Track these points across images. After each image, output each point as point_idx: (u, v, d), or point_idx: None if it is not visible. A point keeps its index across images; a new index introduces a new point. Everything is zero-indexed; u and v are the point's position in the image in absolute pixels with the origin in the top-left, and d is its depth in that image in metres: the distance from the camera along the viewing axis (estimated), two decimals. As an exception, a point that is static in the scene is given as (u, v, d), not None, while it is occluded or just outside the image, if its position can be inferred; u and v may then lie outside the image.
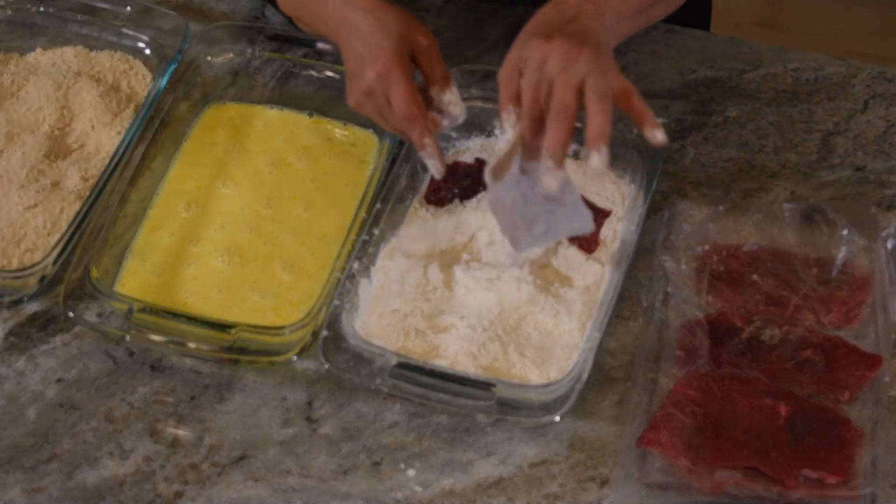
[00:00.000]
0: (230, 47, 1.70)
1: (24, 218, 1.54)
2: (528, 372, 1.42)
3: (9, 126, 1.63)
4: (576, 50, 1.35)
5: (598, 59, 1.36)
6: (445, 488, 1.37)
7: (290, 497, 1.37)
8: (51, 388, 1.45)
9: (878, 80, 1.71)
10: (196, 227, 1.55)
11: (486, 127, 1.62)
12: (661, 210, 1.55)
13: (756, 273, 1.49)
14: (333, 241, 1.53)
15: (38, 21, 1.76)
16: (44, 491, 1.37)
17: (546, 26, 1.40)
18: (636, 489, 1.34)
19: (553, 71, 1.35)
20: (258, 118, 1.66)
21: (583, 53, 1.35)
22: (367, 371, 1.41)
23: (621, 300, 1.47)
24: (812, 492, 1.32)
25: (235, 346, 1.43)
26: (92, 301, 1.49)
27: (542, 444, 1.39)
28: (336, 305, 1.45)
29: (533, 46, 1.38)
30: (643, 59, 1.74)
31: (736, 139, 1.65)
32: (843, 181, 1.60)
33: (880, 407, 1.38)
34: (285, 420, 1.42)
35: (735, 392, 1.38)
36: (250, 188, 1.59)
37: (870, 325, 1.45)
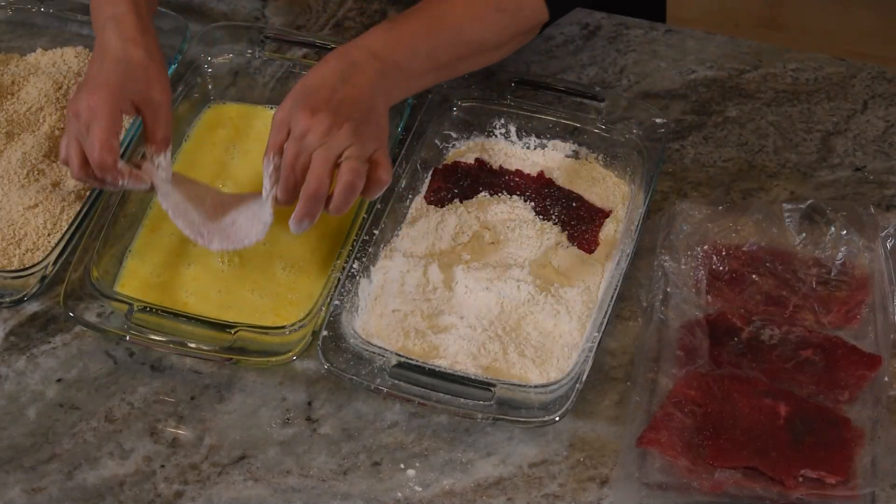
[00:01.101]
0: (230, 47, 1.70)
1: (24, 218, 1.54)
2: (527, 372, 1.42)
3: (9, 126, 1.63)
4: (336, 127, 1.39)
5: (360, 131, 1.40)
6: (445, 488, 1.37)
7: (290, 497, 1.37)
8: (51, 388, 1.45)
9: (878, 80, 1.71)
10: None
11: (486, 127, 1.62)
12: (661, 210, 1.55)
13: (756, 273, 1.49)
14: (333, 241, 1.53)
15: (39, 21, 1.76)
16: (44, 491, 1.38)
17: (315, 95, 1.42)
18: (636, 489, 1.34)
19: (312, 145, 1.39)
20: (258, 118, 1.66)
21: (343, 129, 1.39)
22: (367, 371, 1.41)
23: (621, 300, 1.47)
24: (812, 491, 1.32)
25: (235, 346, 1.43)
26: (92, 301, 1.49)
27: (542, 444, 1.40)
28: (336, 305, 1.45)
29: (298, 118, 1.41)
30: (643, 59, 1.74)
31: (736, 139, 1.65)
32: (842, 181, 1.61)
33: (880, 407, 1.38)
34: (285, 420, 1.42)
35: (735, 392, 1.38)
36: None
37: (869, 325, 1.45)
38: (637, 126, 1.60)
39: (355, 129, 1.39)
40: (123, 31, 1.48)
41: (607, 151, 1.60)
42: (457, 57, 1.51)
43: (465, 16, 1.50)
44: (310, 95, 1.42)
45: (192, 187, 1.50)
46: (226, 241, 1.46)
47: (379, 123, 1.43)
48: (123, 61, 1.46)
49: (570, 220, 1.55)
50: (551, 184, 1.58)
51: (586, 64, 1.73)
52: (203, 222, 1.47)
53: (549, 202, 1.56)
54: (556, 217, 1.55)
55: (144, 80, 1.47)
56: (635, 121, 1.61)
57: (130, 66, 1.46)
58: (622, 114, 1.62)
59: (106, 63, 1.46)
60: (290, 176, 1.41)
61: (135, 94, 1.46)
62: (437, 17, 1.50)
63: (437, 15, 1.50)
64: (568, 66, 1.73)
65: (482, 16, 1.51)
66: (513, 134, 1.62)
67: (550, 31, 1.76)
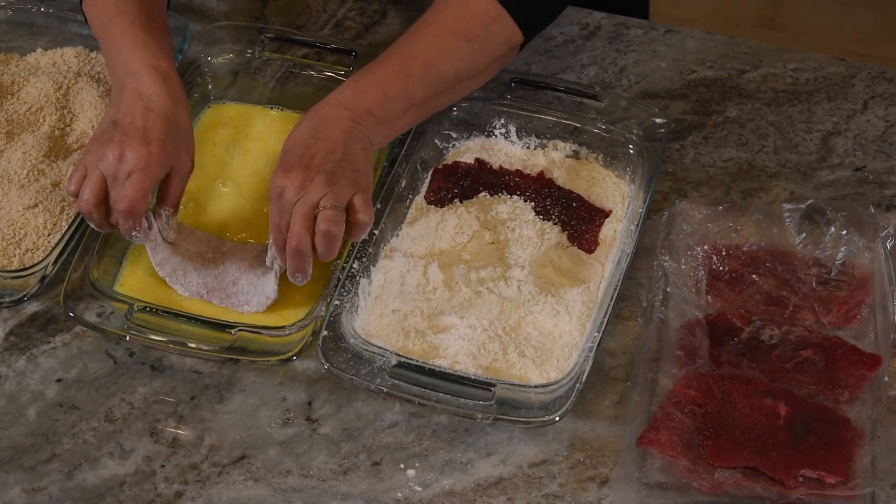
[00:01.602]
0: (230, 47, 1.70)
1: (24, 218, 1.54)
2: (527, 372, 1.42)
3: (9, 126, 1.63)
4: (308, 180, 1.41)
5: (333, 180, 1.41)
6: (445, 488, 1.37)
7: (290, 497, 1.37)
8: (51, 388, 1.45)
9: (878, 80, 1.71)
10: (195, 225, 1.55)
11: (486, 127, 1.62)
12: (661, 210, 1.55)
13: (756, 273, 1.49)
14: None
15: (39, 21, 1.76)
16: (44, 491, 1.37)
17: (289, 156, 1.44)
18: (636, 489, 1.34)
19: (290, 202, 1.41)
20: (258, 118, 1.66)
21: (315, 181, 1.41)
22: (367, 371, 1.41)
23: (621, 300, 1.47)
24: (812, 491, 1.32)
25: (235, 346, 1.43)
26: (92, 301, 1.49)
27: (542, 444, 1.39)
28: (336, 305, 1.45)
29: (274, 180, 1.43)
30: (643, 59, 1.74)
31: (736, 139, 1.65)
32: (842, 181, 1.61)
33: (880, 407, 1.38)
34: (285, 420, 1.42)
35: (735, 392, 1.38)
36: (250, 187, 1.59)
37: (869, 325, 1.45)
38: (637, 126, 1.60)
39: (328, 179, 1.41)
40: (171, 89, 1.48)
41: (607, 151, 1.60)
42: (434, 92, 1.51)
43: (434, 51, 1.50)
44: (285, 156, 1.45)
45: (194, 241, 1.52)
46: (226, 301, 1.49)
47: (355, 169, 1.43)
48: (174, 123, 1.46)
49: (570, 220, 1.55)
50: (551, 184, 1.58)
51: (586, 64, 1.73)
52: (203, 284, 1.49)
53: (549, 202, 1.56)
54: (556, 217, 1.55)
55: (184, 143, 1.47)
56: (635, 121, 1.61)
57: (179, 129, 1.47)
58: (622, 114, 1.62)
59: (156, 117, 1.45)
60: (277, 237, 1.43)
61: (173, 156, 1.46)
62: (404, 57, 1.50)
63: (404, 55, 1.51)
64: (568, 66, 1.73)
65: (451, 49, 1.51)
66: (513, 134, 1.62)
67: (550, 31, 1.76)
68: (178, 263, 1.49)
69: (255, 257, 1.51)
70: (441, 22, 1.52)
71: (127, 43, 1.51)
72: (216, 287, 1.49)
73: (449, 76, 1.51)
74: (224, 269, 1.50)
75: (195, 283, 1.49)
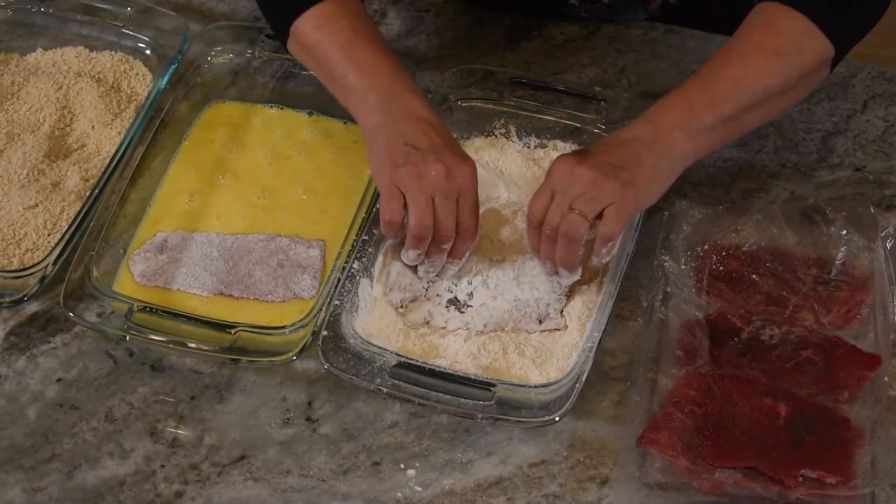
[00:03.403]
0: (230, 47, 1.70)
1: (24, 218, 1.54)
2: (527, 372, 1.42)
3: (9, 126, 1.63)
4: (578, 167, 1.40)
5: (598, 182, 1.40)
6: (445, 488, 1.37)
7: (290, 497, 1.37)
8: (51, 388, 1.45)
9: (878, 80, 1.71)
10: (196, 219, 1.55)
11: (487, 127, 1.62)
12: (661, 210, 1.54)
13: (756, 273, 1.49)
14: (333, 241, 1.53)
15: (39, 21, 1.76)
16: (44, 491, 1.37)
17: (580, 150, 1.45)
18: (636, 489, 1.34)
19: (553, 184, 1.41)
20: (257, 116, 1.66)
21: (582, 174, 1.40)
22: (367, 371, 1.41)
23: (621, 300, 1.47)
24: (812, 491, 1.32)
25: (235, 346, 1.43)
26: (92, 301, 1.49)
27: (542, 444, 1.39)
28: (336, 305, 1.45)
29: (555, 161, 1.43)
30: (643, 59, 1.74)
31: (736, 139, 1.65)
32: (842, 181, 1.60)
33: (880, 407, 1.38)
34: (285, 420, 1.42)
35: (735, 392, 1.38)
36: (250, 181, 1.59)
37: (869, 325, 1.45)
38: (637, 126, 1.60)
39: (594, 180, 1.40)
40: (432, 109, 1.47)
41: (607, 151, 1.60)
42: (742, 107, 1.46)
43: (742, 68, 1.46)
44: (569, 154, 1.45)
45: (194, 245, 1.53)
46: (246, 292, 1.49)
47: (630, 181, 1.40)
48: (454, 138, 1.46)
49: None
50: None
51: (586, 64, 1.73)
52: (219, 280, 1.49)
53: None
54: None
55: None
56: (635, 121, 1.61)
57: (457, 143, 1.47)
58: (622, 114, 1.61)
59: (448, 137, 1.45)
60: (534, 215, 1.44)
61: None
62: (711, 75, 1.47)
63: (710, 73, 1.47)
64: (568, 66, 1.73)
65: (759, 65, 1.46)
66: (513, 134, 1.62)
67: (550, 31, 1.76)
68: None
69: (263, 248, 1.51)
70: (749, 42, 1.48)
71: (372, 63, 1.48)
72: (233, 281, 1.49)
73: (758, 91, 1.46)
74: (235, 264, 1.50)
75: (210, 282, 1.49)
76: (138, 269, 1.50)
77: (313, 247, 1.52)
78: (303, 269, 1.50)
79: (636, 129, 1.45)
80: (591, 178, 1.40)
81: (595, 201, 1.40)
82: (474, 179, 1.43)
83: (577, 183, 1.40)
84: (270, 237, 1.53)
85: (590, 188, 1.40)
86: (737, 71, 1.46)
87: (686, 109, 1.45)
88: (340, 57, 1.48)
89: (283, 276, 1.49)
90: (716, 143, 1.48)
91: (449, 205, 1.42)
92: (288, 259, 1.51)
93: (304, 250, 1.51)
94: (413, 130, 1.43)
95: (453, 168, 1.41)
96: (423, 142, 1.42)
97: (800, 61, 1.47)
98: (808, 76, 1.49)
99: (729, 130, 1.48)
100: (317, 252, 1.51)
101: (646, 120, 1.45)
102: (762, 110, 1.49)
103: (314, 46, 1.50)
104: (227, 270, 1.50)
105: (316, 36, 1.49)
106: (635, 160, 1.42)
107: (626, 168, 1.41)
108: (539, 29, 1.76)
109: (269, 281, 1.49)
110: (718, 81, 1.46)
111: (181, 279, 1.50)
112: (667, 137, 1.43)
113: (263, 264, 1.50)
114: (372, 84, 1.46)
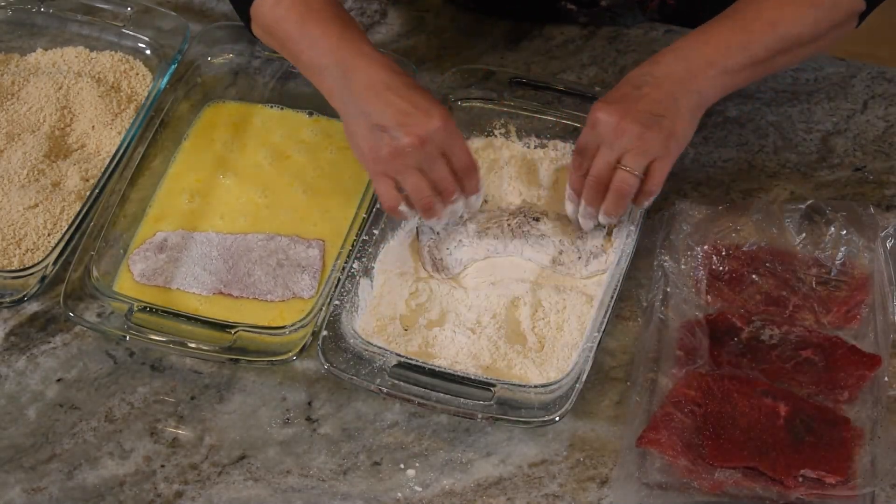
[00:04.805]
0: (230, 47, 1.70)
1: (24, 218, 1.54)
2: (528, 372, 1.42)
3: (9, 126, 1.63)
4: (624, 122, 1.42)
5: (643, 136, 1.42)
6: (445, 488, 1.37)
7: (290, 497, 1.37)
8: (51, 388, 1.45)
9: (878, 80, 1.71)
10: (198, 217, 1.55)
11: (487, 127, 1.62)
12: (661, 210, 1.55)
13: (755, 273, 1.49)
14: (333, 241, 1.53)
15: (39, 21, 1.76)
16: (44, 491, 1.38)
17: (617, 90, 1.45)
18: (636, 489, 1.34)
19: (599, 136, 1.43)
20: (257, 115, 1.66)
21: (627, 130, 1.42)
22: (367, 371, 1.41)
23: (621, 300, 1.47)
24: (811, 491, 1.32)
25: (235, 346, 1.43)
26: (92, 301, 1.49)
27: (542, 444, 1.39)
28: (336, 305, 1.45)
29: (594, 107, 1.44)
30: (643, 59, 1.73)
31: (736, 139, 1.65)
32: (842, 181, 1.61)
33: (880, 407, 1.38)
34: (285, 420, 1.42)
35: (735, 392, 1.38)
36: (251, 180, 1.59)
37: (869, 325, 1.45)
38: (637, 126, 1.60)
39: (640, 134, 1.42)
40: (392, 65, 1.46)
41: (607, 151, 1.60)
42: (773, 52, 1.49)
43: (778, 13, 1.48)
44: (617, 87, 1.46)
45: (194, 244, 1.53)
46: (246, 291, 1.50)
47: (672, 131, 1.43)
48: (418, 87, 1.45)
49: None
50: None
51: (586, 64, 1.73)
52: (218, 280, 1.50)
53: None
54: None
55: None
56: (635, 121, 1.61)
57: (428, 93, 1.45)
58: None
59: (412, 90, 1.44)
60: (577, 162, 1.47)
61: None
62: (748, 15, 1.49)
63: (748, 13, 1.49)
64: (568, 66, 1.73)
65: (796, 12, 1.49)
66: (513, 134, 1.62)
67: (550, 32, 1.76)
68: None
69: (262, 247, 1.51)
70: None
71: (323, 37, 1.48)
72: (232, 280, 1.49)
73: (791, 38, 1.49)
74: (235, 263, 1.50)
75: (209, 281, 1.49)
76: (138, 268, 1.50)
77: (313, 246, 1.52)
78: (302, 269, 1.50)
79: (669, 64, 1.46)
80: (637, 133, 1.42)
81: (644, 156, 1.42)
82: (448, 126, 1.43)
83: (624, 137, 1.42)
84: (270, 237, 1.53)
85: (637, 143, 1.42)
86: (774, 15, 1.48)
87: (721, 47, 1.47)
88: (295, 34, 1.49)
89: (282, 276, 1.49)
90: (740, 84, 1.50)
91: (438, 165, 1.43)
92: (287, 258, 1.51)
93: (303, 250, 1.52)
94: (376, 105, 1.43)
95: (425, 131, 1.41)
96: (388, 116, 1.42)
97: (833, 14, 1.50)
98: (837, 27, 1.51)
99: (756, 73, 1.50)
100: (316, 252, 1.52)
101: (679, 54, 1.46)
102: (790, 56, 1.51)
103: (271, 26, 1.51)
104: (226, 270, 1.50)
105: (272, 15, 1.51)
106: (673, 105, 1.44)
107: (667, 116, 1.43)
108: (539, 29, 1.76)
109: (268, 280, 1.49)
110: (755, 22, 1.48)
111: (181, 278, 1.50)
112: (700, 75, 1.45)
113: (263, 264, 1.50)
114: (327, 59, 1.47)
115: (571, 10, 1.74)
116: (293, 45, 1.50)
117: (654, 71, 1.46)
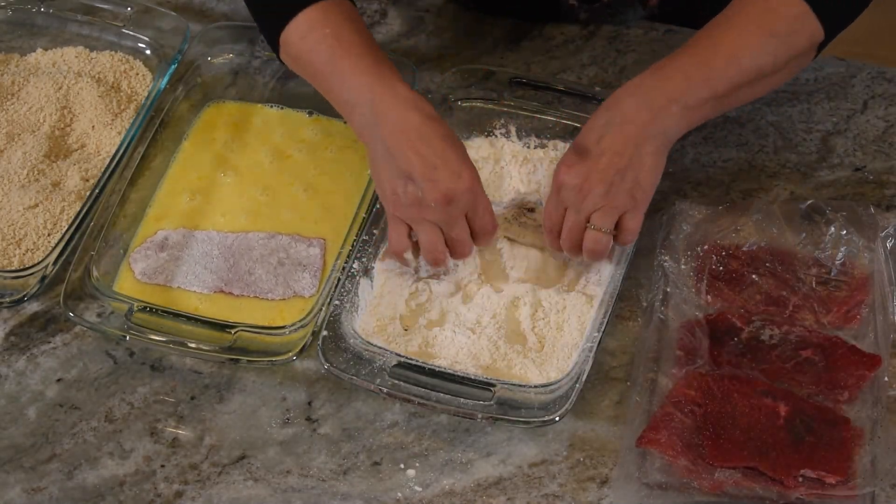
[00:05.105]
0: (230, 47, 1.70)
1: (24, 218, 1.54)
2: (528, 372, 1.42)
3: (9, 126, 1.63)
4: (588, 184, 1.41)
5: (610, 192, 1.41)
6: (445, 488, 1.37)
7: (290, 497, 1.37)
8: (51, 388, 1.45)
9: (878, 80, 1.71)
10: (199, 216, 1.55)
11: (486, 127, 1.62)
12: (661, 210, 1.55)
13: (755, 273, 1.49)
14: (334, 241, 1.53)
15: (39, 21, 1.76)
16: (44, 491, 1.38)
17: (578, 147, 1.44)
18: (636, 489, 1.34)
19: (566, 199, 1.43)
20: (257, 115, 1.66)
21: (593, 191, 1.41)
22: (367, 371, 1.41)
23: (621, 300, 1.47)
24: (811, 491, 1.32)
25: (235, 346, 1.43)
26: (92, 301, 1.49)
27: (542, 444, 1.39)
28: (336, 305, 1.45)
29: (558, 168, 1.44)
30: (643, 59, 1.74)
31: (736, 139, 1.65)
32: (842, 181, 1.60)
33: (880, 407, 1.38)
34: (285, 420, 1.42)
35: (735, 392, 1.38)
36: (251, 179, 1.59)
37: (869, 325, 1.45)
38: (637, 126, 1.60)
39: (606, 191, 1.41)
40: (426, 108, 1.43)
41: (607, 151, 1.60)
42: (734, 85, 1.46)
43: (737, 45, 1.46)
44: (576, 144, 1.45)
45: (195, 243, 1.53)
46: (247, 290, 1.50)
47: (636, 181, 1.42)
48: (456, 138, 1.44)
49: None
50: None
51: (586, 64, 1.73)
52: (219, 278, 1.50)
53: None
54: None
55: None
56: (635, 121, 1.61)
57: (461, 146, 1.44)
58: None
59: (444, 141, 1.41)
60: (550, 224, 1.46)
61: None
62: (707, 49, 1.47)
63: (707, 47, 1.47)
64: (568, 66, 1.73)
65: (755, 42, 1.46)
66: (513, 134, 1.62)
67: (550, 31, 1.76)
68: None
69: (263, 246, 1.51)
70: (743, 16, 1.48)
71: (354, 74, 1.45)
72: (233, 279, 1.49)
73: (751, 70, 1.47)
74: (236, 262, 1.50)
75: (210, 280, 1.49)
76: (139, 266, 1.51)
77: (313, 245, 1.52)
78: (303, 268, 1.50)
79: (630, 107, 1.44)
80: (601, 192, 1.41)
81: (611, 214, 1.42)
82: (475, 188, 1.41)
83: (588, 199, 1.41)
84: (271, 235, 1.53)
85: (603, 201, 1.41)
86: (733, 47, 1.46)
87: (683, 82, 1.45)
88: (326, 69, 1.47)
89: (283, 275, 1.49)
90: (704, 118, 1.48)
91: (458, 226, 1.42)
92: (288, 257, 1.51)
93: (304, 248, 1.52)
94: (405, 153, 1.40)
95: (451, 190, 1.40)
96: (415, 165, 1.40)
97: (792, 42, 1.48)
98: (797, 59, 1.50)
99: (718, 106, 1.48)
100: (317, 250, 1.52)
101: (639, 94, 1.44)
102: (750, 90, 1.49)
103: (300, 58, 1.49)
104: (227, 268, 1.50)
105: (300, 46, 1.48)
106: (636, 153, 1.42)
107: (630, 167, 1.41)
108: (539, 29, 1.76)
109: (269, 279, 1.49)
110: (715, 56, 1.46)
111: (181, 277, 1.50)
112: (662, 114, 1.43)
113: (264, 262, 1.50)
114: (357, 97, 1.44)
115: (573, 5, 1.74)
116: (323, 81, 1.48)
117: (613, 118, 1.44)
